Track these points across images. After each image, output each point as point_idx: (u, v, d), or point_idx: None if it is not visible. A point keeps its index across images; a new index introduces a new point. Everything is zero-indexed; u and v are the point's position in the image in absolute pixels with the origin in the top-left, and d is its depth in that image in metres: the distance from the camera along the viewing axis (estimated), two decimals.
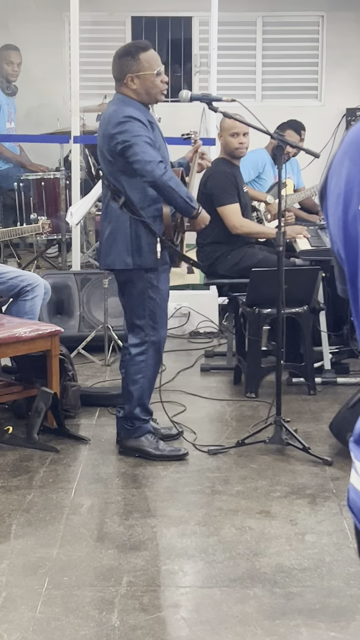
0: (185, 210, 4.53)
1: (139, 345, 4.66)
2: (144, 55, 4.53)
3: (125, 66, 4.53)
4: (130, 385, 4.69)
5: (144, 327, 4.64)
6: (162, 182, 4.40)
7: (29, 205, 7.71)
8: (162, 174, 4.38)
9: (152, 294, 4.61)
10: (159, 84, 4.56)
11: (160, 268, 4.61)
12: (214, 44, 7.36)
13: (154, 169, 4.38)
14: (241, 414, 5.38)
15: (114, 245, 4.59)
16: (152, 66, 4.53)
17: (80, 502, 4.22)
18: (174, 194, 4.44)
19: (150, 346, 4.66)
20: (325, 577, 3.54)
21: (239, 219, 6.06)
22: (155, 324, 4.65)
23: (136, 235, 4.54)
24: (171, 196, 4.45)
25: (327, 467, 4.59)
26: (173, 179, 4.43)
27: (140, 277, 4.59)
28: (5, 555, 3.71)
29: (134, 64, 4.52)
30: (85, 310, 6.67)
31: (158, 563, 3.65)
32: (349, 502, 1.65)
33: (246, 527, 3.95)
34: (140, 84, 4.53)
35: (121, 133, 4.44)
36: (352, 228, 1.58)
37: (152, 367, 4.70)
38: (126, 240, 4.55)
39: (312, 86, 9.99)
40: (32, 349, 5.05)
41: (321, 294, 5.88)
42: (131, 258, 4.56)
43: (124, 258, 4.57)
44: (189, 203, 4.51)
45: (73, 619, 3.25)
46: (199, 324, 7.10)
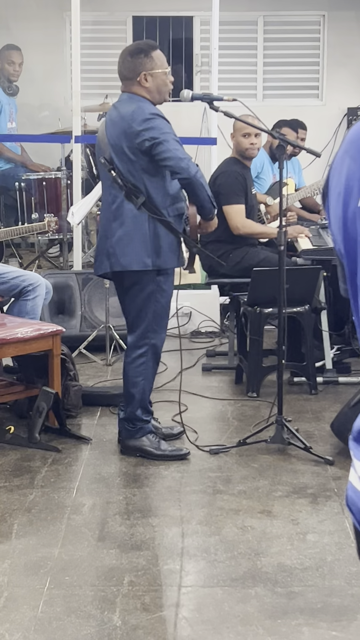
0: (208, 210, 4.53)
1: (140, 348, 4.65)
2: (155, 53, 4.54)
3: (139, 64, 4.51)
4: (131, 387, 4.68)
5: (147, 330, 4.62)
6: (195, 178, 4.39)
7: (31, 205, 7.71)
8: (196, 171, 4.39)
9: (159, 297, 4.59)
10: (169, 82, 4.57)
11: (171, 271, 4.60)
12: (215, 44, 7.37)
13: (189, 166, 4.37)
14: (242, 413, 5.38)
15: (129, 247, 4.49)
16: (163, 64, 4.55)
17: (82, 501, 4.22)
18: (203, 192, 4.43)
19: (151, 349, 4.66)
20: (326, 577, 3.54)
21: (242, 220, 6.05)
22: (157, 327, 4.64)
23: (156, 235, 4.48)
24: (200, 194, 4.44)
25: (329, 466, 4.59)
26: (203, 177, 4.44)
27: (151, 280, 4.55)
28: (7, 555, 3.71)
29: (148, 62, 4.51)
30: (87, 310, 6.67)
31: (159, 562, 3.65)
32: (347, 500, 1.65)
33: (248, 527, 3.95)
34: (154, 82, 4.52)
35: (148, 130, 4.40)
36: (352, 226, 1.59)
37: (151, 369, 4.70)
38: (145, 240, 4.48)
39: (314, 85, 9.99)
40: (33, 348, 5.06)
41: (323, 294, 5.88)
42: (150, 259, 4.49)
43: (143, 259, 4.49)
44: (212, 202, 4.51)
45: (74, 619, 3.25)
46: (200, 323, 7.10)
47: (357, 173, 1.59)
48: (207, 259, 6.20)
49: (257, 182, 7.35)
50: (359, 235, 1.57)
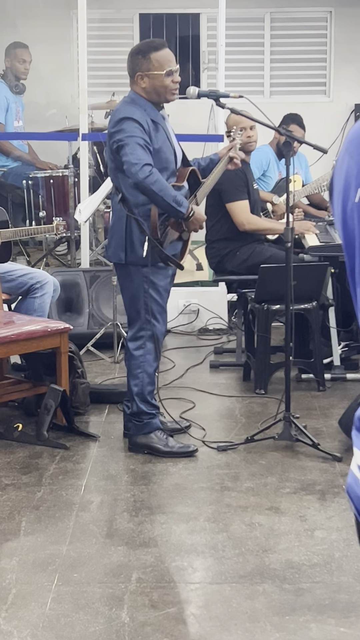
0: (172, 213, 4.52)
1: (137, 340, 4.69)
2: (155, 55, 4.54)
3: (135, 64, 4.56)
4: (131, 380, 4.72)
5: (141, 321, 4.67)
6: (143, 185, 4.40)
7: (38, 203, 7.71)
8: (145, 177, 4.38)
9: (148, 288, 4.63)
10: (168, 84, 4.56)
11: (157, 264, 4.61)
12: (222, 41, 7.36)
13: (137, 172, 4.39)
14: (250, 410, 5.38)
15: (112, 239, 4.68)
16: (162, 66, 4.53)
17: (90, 499, 4.22)
18: (157, 197, 4.43)
19: (147, 340, 4.67)
20: (334, 573, 3.54)
21: (247, 216, 6.05)
22: (152, 318, 4.66)
23: (130, 231, 4.59)
24: (155, 199, 4.46)
25: (337, 463, 4.59)
26: (157, 182, 4.41)
27: (137, 272, 4.62)
28: (15, 552, 3.72)
29: (144, 63, 4.53)
30: (94, 308, 6.68)
31: (167, 559, 3.66)
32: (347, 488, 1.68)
33: (255, 524, 3.95)
34: (149, 83, 4.55)
35: (117, 132, 4.49)
36: (350, 221, 1.64)
37: (151, 362, 4.71)
38: (121, 235, 4.62)
39: (321, 82, 9.97)
40: (41, 346, 5.06)
41: (330, 290, 5.87)
42: (124, 253, 4.62)
43: (119, 253, 4.64)
44: (175, 207, 4.48)
45: (83, 616, 3.25)
46: (208, 320, 7.10)
47: (355, 170, 1.65)
48: (213, 257, 6.21)
49: (263, 180, 7.34)
50: (357, 230, 1.62)
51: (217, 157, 4.95)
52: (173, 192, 4.48)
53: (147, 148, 4.46)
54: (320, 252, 5.89)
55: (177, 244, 4.67)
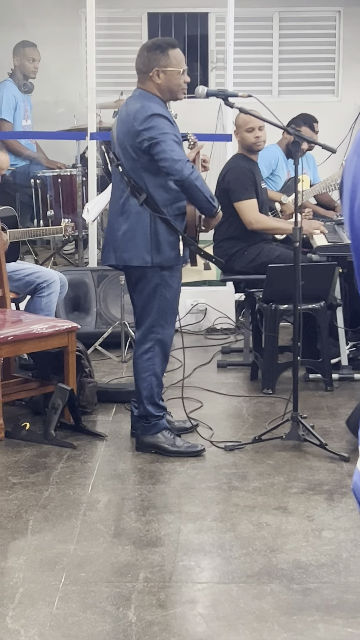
0: (208, 209, 4.53)
1: (146, 343, 4.67)
2: (172, 51, 4.54)
3: (153, 59, 4.53)
4: (139, 383, 4.70)
5: (152, 325, 4.65)
6: (189, 181, 4.39)
7: (46, 202, 7.71)
8: (190, 173, 4.38)
9: (165, 292, 4.61)
10: (182, 82, 4.57)
11: (176, 266, 4.61)
12: (230, 40, 7.36)
13: (182, 168, 4.37)
14: (258, 410, 5.38)
15: (132, 242, 4.57)
16: (179, 64, 4.54)
17: (97, 498, 4.22)
18: (200, 193, 4.43)
19: (157, 344, 4.66)
20: (342, 573, 3.53)
21: (256, 215, 6.05)
22: (163, 322, 4.65)
23: (156, 233, 4.53)
24: (197, 195, 4.44)
25: (344, 463, 4.58)
26: (199, 178, 4.43)
27: (156, 274, 4.58)
28: (23, 551, 3.72)
29: (163, 58, 4.52)
30: (102, 307, 6.68)
31: (175, 559, 3.65)
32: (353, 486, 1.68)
33: (263, 523, 3.95)
34: (165, 79, 4.53)
35: (148, 129, 4.42)
36: (358, 221, 1.64)
37: (159, 364, 4.70)
38: (146, 237, 4.53)
39: (329, 82, 9.96)
40: (49, 345, 5.07)
41: (338, 290, 5.87)
42: (150, 255, 4.54)
43: (143, 255, 4.55)
44: (211, 202, 4.50)
45: (90, 615, 3.25)
46: (215, 320, 7.10)
47: None
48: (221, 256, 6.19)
49: (272, 180, 7.33)
50: None
51: None
52: (208, 187, 4.50)
53: (180, 144, 4.46)
54: (328, 252, 5.88)
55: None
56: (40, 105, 8.93)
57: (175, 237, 4.53)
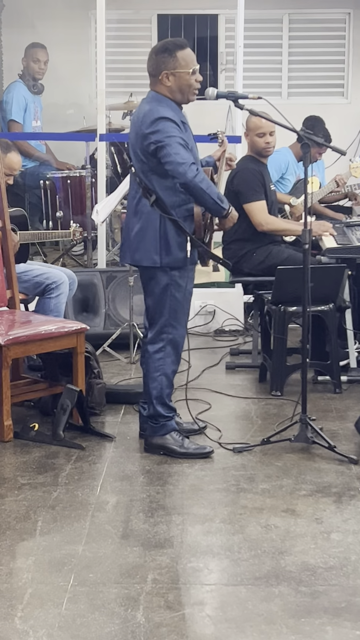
0: (216, 211, 4.53)
1: (157, 342, 4.68)
2: (181, 53, 4.54)
3: (161, 63, 4.53)
4: (149, 383, 4.71)
5: (164, 325, 4.65)
6: (194, 184, 4.40)
7: (55, 203, 7.73)
8: (194, 176, 4.38)
9: (175, 292, 4.61)
10: (193, 83, 4.57)
11: (186, 267, 4.61)
12: (240, 42, 7.36)
13: (186, 171, 4.38)
14: (266, 412, 5.37)
15: (142, 242, 4.59)
16: (188, 65, 4.54)
17: (106, 499, 4.23)
18: (205, 195, 4.44)
19: (168, 344, 4.67)
20: (350, 576, 3.53)
21: (265, 216, 6.05)
22: (175, 322, 4.65)
23: (165, 234, 4.54)
24: (202, 198, 4.45)
25: (353, 465, 4.58)
26: (205, 180, 4.43)
27: (166, 275, 4.59)
28: (31, 552, 3.72)
29: (171, 61, 4.52)
30: (111, 308, 6.69)
31: (183, 560, 3.65)
32: None
33: (271, 525, 3.95)
34: (175, 82, 4.54)
35: (154, 133, 4.44)
36: None
37: (170, 365, 4.70)
38: (155, 237, 4.55)
39: (339, 83, 9.96)
40: (58, 346, 5.07)
41: (347, 292, 5.86)
42: (159, 256, 4.56)
43: (152, 255, 4.57)
44: (220, 204, 4.50)
45: (98, 616, 3.25)
46: (224, 321, 7.10)
47: None
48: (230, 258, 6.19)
49: (281, 183, 7.33)
50: None
51: (212, 159, 4.92)
52: (216, 189, 4.50)
53: (187, 147, 4.46)
54: (337, 254, 5.87)
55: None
56: (50, 107, 8.95)
57: (183, 239, 4.54)
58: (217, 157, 4.90)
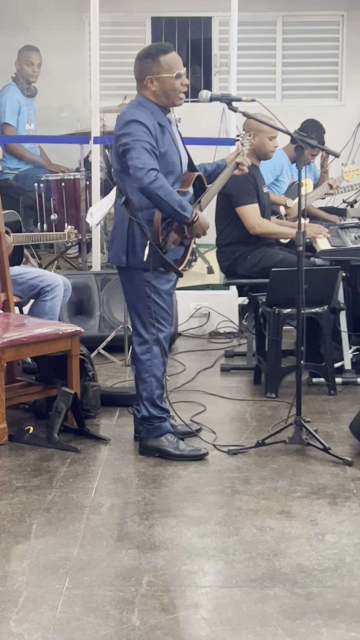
0: (176, 218, 4.52)
1: (143, 344, 4.69)
2: (164, 57, 4.54)
3: (145, 68, 4.55)
4: (139, 384, 4.72)
5: (145, 325, 4.67)
6: (149, 190, 4.40)
7: (49, 206, 7.73)
8: (150, 182, 4.38)
9: (150, 292, 4.62)
10: (178, 86, 4.57)
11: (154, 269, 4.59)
12: (233, 44, 7.36)
13: (142, 176, 4.39)
14: (261, 414, 5.38)
15: (114, 241, 4.68)
16: (172, 69, 4.54)
17: (101, 501, 4.22)
18: (162, 202, 4.43)
19: (154, 344, 4.67)
20: (345, 578, 3.53)
21: (258, 220, 6.05)
22: (156, 322, 4.66)
23: (132, 235, 4.58)
24: (159, 204, 4.45)
25: (348, 467, 4.58)
26: (162, 187, 4.41)
27: (137, 275, 4.63)
28: (26, 555, 3.72)
29: (154, 66, 4.53)
30: (106, 311, 6.69)
31: (178, 563, 3.65)
32: None
33: (266, 527, 3.95)
34: (159, 86, 4.55)
35: (124, 135, 4.49)
36: None
37: (158, 366, 4.70)
38: (123, 238, 4.61)
39: (333, 86, 9.97)
40: (52, 349, 5.07)
41: (341, 294, 5.87)
42: (125, 256, 4.61)
43: (120, 255, 4.63)
44: (180, 212, 4.47)
45: (93, 619, 3.25)
46: (218, 324, 7.10)
47: None
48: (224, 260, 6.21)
49: (276, 185, 7.33)
50: None
51: (224, 162, 4.93)
52: (178, 197, 4.48)
53: (153, 152, 4.46)
54: (331, 255, 5.88)
55: (178, 249, 4.66)
56: (44, 109, 8.95)
57: (146, 242, 4.55)
58: (229, 160, 4.91)
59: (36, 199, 7.77)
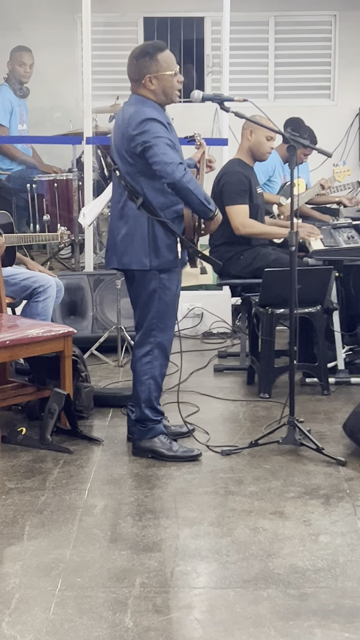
0: (202, 212, 4.52)
1: (145, 346, 4.67)
2: (161, 55, 4.53)
3: (143, 67, 4.52)
4: (138, 386, 4.70)
5: (152, 328, 4.65)
6: (181, 184, 4.39)
7: (42, 206, 7.71)
8: (182, 176, 4.38)
9: (162, 295, 4.61)
10: (175, 84, 4.56)
11: (174, 269, 4.60)
12: (226, 44, 7.36)
13: (174, 171, 4.37)
14: (254, 414, 5.37)
15: (130, 246, 4.57)
16: (169, 66, 4.53)
17: (94, 503, 4.21)
18: (192, 196, 4.43)
19: (156, 347, 4.66)
20: (339, 578, 3.53)
21: (242, 220, 6.03)
22: (162, 325, 4.65)
23: (154, 236, 4.53)
24: (190, 198, 4.44)
25: (341, 467, 4.58)
26: (192, 181, 4.42)
27: (154, 278, 4.58)
28: (19, 557, 3.71)
29: (153, 64, 4.51)
30: (98, 311, 6.68)
31: (171, 564, 3.65)
32: None
33: (260, 528, 3.94)
34: (159, 84, 4.53)
35: (142, 134, 4.43)
36: None
37: (158, 368, 4.70)
38: (144, 240, 4.54)
39: (325, 85, 9.98)
40: (45, 350, 5.06)
41: (334, 294, 5.87)
42: (148, 259, 4.55)
43: (141, 258, 4.56)
44: (207, 205, 4.49)
45: (86, 620, 3.24)
46: (212, 324, 7.10)
47: None
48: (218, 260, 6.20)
49: (269, 185, 7.34)
50: None
51: (192, 161, 4.91)
52: (203, 190, 4.49)
53: (174, 148, 4.46)
54: (324, 255, 5.87)
55: None
56: (36, 110, 8.94)
57: (173, 240, 4.53)
58: (197, 159, 4.90)
59: (29, 199, 7.76)
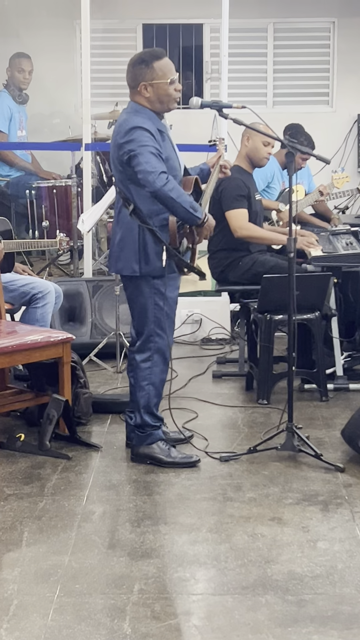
0: (189, 220, 4.52)
1: (144, 352, 4.68)
2: (157, 63, 4.53)
3: (139, 74, 4.53)
4: (137, 392, 4.71)
5: (150, 334, 4.65)
6: (162, 192, 4.40)
7: (41, 213, 7.72)
8: (163, 185, 4.38)
9: (158, 300, 4.61)
10: (172, 92, 4.56)
11: (168, 275, 4.61)
12: (224, 51, 7.37)
13: (154, 180, 4.38)
14: (253, 420, 5.37)
15: (123, 252, 4.62)
16: (165, 75, 4.54)
17: (92, 509, 4.22)
18: (175, 204, 4.43)
19: (155, 353, 4.67)
20: (337, 584, 3.53)
21: (241, 223, 6.03)
22: (160, 330, 4.66)
23: (144, 243, 4.55)
24: (172, 207, 4.44)
25: (339, 473, 4.58)
26: (175, 189, 4.42)
27: (148, 284, 4.60)
28: (17, 563, 3.71)
29: (148, 72, 4.52)
30: (97, 317, 6.68)
31: (169, 570, 3.65)
32: None
33: (258, 534, 3.94)
34: (154, 92, 4.54)
35: (128, 142, 4.45)
36: None
37: (158, 374, 4.70)
38: (134, 247, 4.57)
39: (324, 92, 9.99)
40: (44, 356, 5.06)
41: (333, 300, 5.87)
42: (138, 265, 4.57)
43: (132, 265, 4.59)
44: (192, 213, 4.48)
45: (84, 627, 3.24)
46: (210, 330, 7.10)
47: None
48: (216, 267, 6.21)
49: (267, 192, 7.34)
50: None
51: (206, 166, 4.93)
52: (189, 198, 4.49)
53: (160, 156, 4.46)
54: (323, 262, 5.88)
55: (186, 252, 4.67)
56: (36, 116, 8.95)
57: (160, 248, 4.54)
58: (212, 164, 4.91)
59: (28, 206, 7.77)
